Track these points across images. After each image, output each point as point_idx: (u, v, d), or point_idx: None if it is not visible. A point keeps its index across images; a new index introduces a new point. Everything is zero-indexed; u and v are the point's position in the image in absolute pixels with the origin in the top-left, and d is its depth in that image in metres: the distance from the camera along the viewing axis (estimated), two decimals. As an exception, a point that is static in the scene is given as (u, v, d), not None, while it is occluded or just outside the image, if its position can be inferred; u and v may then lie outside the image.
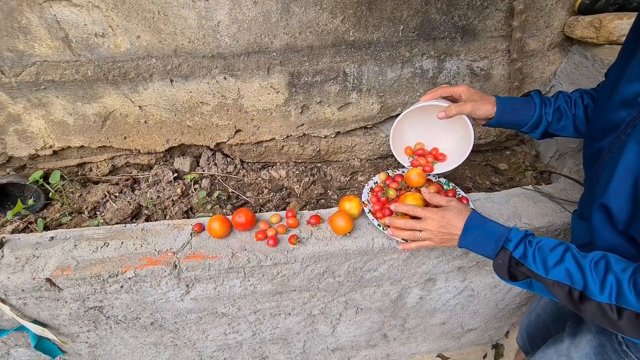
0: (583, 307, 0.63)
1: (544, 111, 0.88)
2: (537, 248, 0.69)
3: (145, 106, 1.18)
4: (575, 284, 0.63)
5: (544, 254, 0.68)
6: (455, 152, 1.04)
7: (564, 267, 0.65)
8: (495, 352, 1.69)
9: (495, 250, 0.74)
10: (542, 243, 0.70)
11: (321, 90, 1.24)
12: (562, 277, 0.65)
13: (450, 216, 0.80)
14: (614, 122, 0.67)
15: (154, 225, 1.02)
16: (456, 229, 0.79)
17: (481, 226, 0.77)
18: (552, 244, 0.69)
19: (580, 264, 0.64)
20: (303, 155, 1.43)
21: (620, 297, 0.58)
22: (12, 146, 1.20)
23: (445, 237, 0.81)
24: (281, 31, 1.09)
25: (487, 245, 0.75)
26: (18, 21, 0.97)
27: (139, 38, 1.04)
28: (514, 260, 0.71)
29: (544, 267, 0.67)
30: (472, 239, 0.78)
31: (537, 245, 0.70)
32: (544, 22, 1.22)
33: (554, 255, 0.67)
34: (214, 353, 1.32)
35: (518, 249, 0.71)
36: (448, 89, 0.91)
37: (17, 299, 0.92)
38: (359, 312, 1.27)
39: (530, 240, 0.72)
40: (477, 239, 0.77)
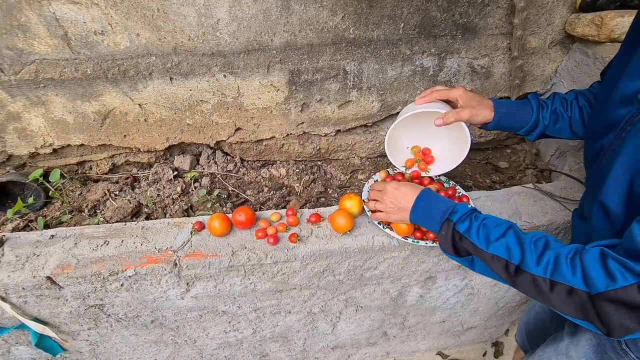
0: (518, 279, 0.64)
1: (541, 115, 0.88)
2: (482, 224, 0.71)
3: (145, 104, 1.18)
4: (513, 259, 0.65)
5: (488, 229, 0.69)
6: (451, 154, 1.04)
7: (504, 242, 0.67)
8: (495, 350, 1.70)
9: (440, 222, 0.75)
10: (488, 220, 0.71)
11: (321, 89, 1.24)
12: (501, 252, 0.66)
13: (404, 190, 0.83)
14: (614, 120, 0.67)
15: (154, 223, 1.02)
16: (407, 202, 0.81)
17: (430, 200, 0.79)
18: (497, 221, 0.71)
19: (521, 239, 0.66)
20: (303, 154, 1.43)
21: (556, 272, 0.60)
22: (12, 144, 1.20)
23: (396, 210, 0.84)
24: (281, 29, 1.09)
25: (434, 218, 0.77)
26: (17, 19, 0.96)
27: (138, 36, 1.04)
28: (458, 234, 0.72)
29: (485, 241, 0.68)
30: (421, 213, 0.79)
31: (482, 221, 0.71)
32: (545, 19, 1.22)
33: (497, 230, 0.69)
34: (215, 351, 1.32)
35: (463, 222, 0.72)
36: (444, 92, 0.88)
37: (18, 297, 0.92)
38: (359, 310, 1.27)
39: (476, 215, 0.73)
40: (425, 212, 0.78)
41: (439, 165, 1.07)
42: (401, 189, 0.84)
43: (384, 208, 0.87)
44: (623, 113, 0.65)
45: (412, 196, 0.82)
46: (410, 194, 0.82)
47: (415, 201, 0.81)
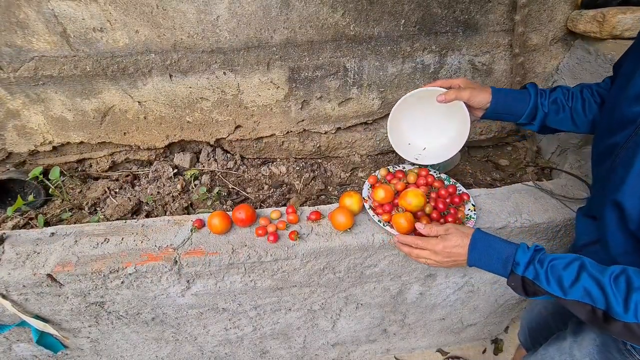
0: (609, 326, 0.60)
1: (539, 101, 0.87)
2: (550, 267, 0.66)
3: (144, 102, 1.18)
4: (597, 303, 0.60)
5: (558, 273, 0.65)
6: (451, 142, 1.05)
7: (581, 286, 0.62)
8: (495, 347, 1.70)
9: (505, 272, 0.72)
10: (555, 262, 0.66)
11: (321, 86, 1.23)
12: (581, 297, 0.62)
13: (451, 244, 0.78)
14: (629, 117, 0.65)
15: (154, 221, 1.02)
16: (460, 255, 0.78)
17: (485, 248, 0.75)
18: (564, 260, 0.65)
19: (599, 280, 0.61)
20: (303, 151, 1.42)
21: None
22: (11, 142, 1.19)
23: (451, 263, 0.80)
24: (281, 25, 1.08)
25: (495, 268, 0.73)
26: (16, 16, 0.96)
27: (137, 33, 1.03)
28: (528, 281, 0.68)
29: (560, 288, 0.64)
30: (479, 261, 0.76)
31: (549, 264, 0.66)
32: (546, 16, 1.21)
33: (569, 273, 0.64)
34: (215, 348, 1.32)
35: (528, 271, 0.68)
36: (447, 80, 0.94)
37: (19, 294, 0.92)
38: (359, 308, 1.27)
39: (540, 259, 0.68)
40: (484, 262, 0.75)
41: (442, 153, 1.07)
42: (447, 245, 0.79)
43: (435, 265, 0.83)
44: (638, 110, 0.63)
45: (462, 248, 0.77)
46: (458, 246, 0.78)
47: (469, 253, 0.77)
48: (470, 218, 1.01)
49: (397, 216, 0.95)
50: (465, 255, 0.77)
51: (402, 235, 0.89)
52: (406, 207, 0.97)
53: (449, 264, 0.81)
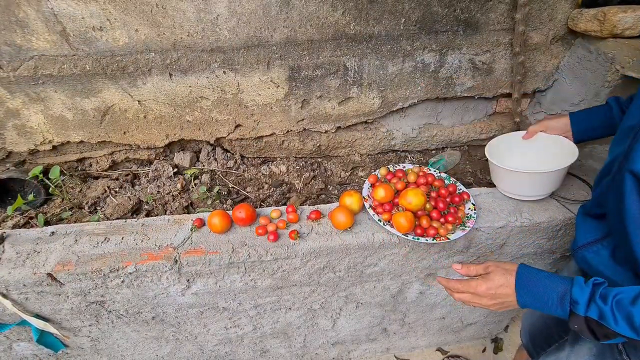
0: None
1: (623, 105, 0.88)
2: (615, 303, 0.57)
3: (144, 101, 1.18)
4: None
5: (626, 310, 0.55)
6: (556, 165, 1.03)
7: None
8: (495, 346, 1.70)
9: (564, 313, 0.63)
10: (621, 296, 0.57)
11: (321, 85, 1.23)
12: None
13: (495, 285, 0.71)
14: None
15: (154, 220, 1.02)
16: (507, 296, 0.70)
17: (535, 286, 0.67)
18: (632, 293, 0.56)
19: None
20: (303, 150, 1.42)
21: None
22: (11, 141, 1.19)
23: (501, 306, 0.72)
24: (281, 24, 1.08)
25: (551, 306, 0.65)
26: (15, 15, 0.96)
27: (137, 32, 1.03)
28: (594, 322, 0.59)
29: (631, 328, 0.55)
30: (531, 302, 0.68)
31: (613, 300, 0.57)
32: (547, 15, 1.20)
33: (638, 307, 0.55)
34: (215, 347, 1.33)
35: (590, 310, 0.59)
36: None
37: (19, 293, 0.92)
38: (359, 307, 1.28)
39: (602, 294, 0.59)
40: (537, 303, 0.67)
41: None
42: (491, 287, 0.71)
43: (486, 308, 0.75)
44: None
45: (508, 288, 0.69)
46: (506, 286, 0.70)
47: (517, 291, 0.69)
48: (471, 217, 1.01)
49: (398, 215, 0.95)
50: (514, 295, 0.69)
51: (441, 278, 0.82)
52: (406, 207, 0.97)
53: (497, 306, 0.72)
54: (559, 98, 1.36)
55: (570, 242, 1.19)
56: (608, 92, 1.16)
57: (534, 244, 1.17)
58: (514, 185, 1.07)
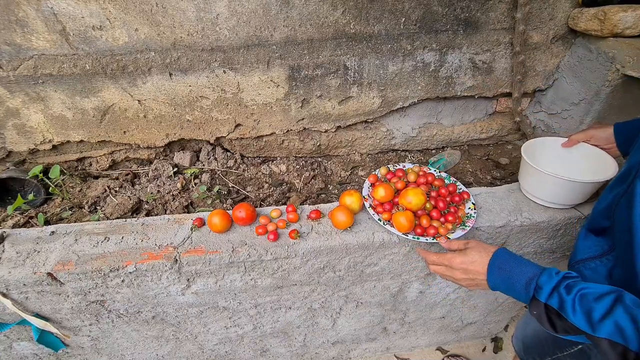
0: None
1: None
2: (579, 296, 0.56)
3: (144, 100, 1.18)
4: (630, 343, 0.51)
5: (588, 304, 0.55)
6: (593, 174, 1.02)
7: (612, 322, 0.52)
8: (495, 345, 1.70)
9: (527, 298, 0.63)
10: (587, 290, 0.56)
11: (321, 84, 1.23)
12: (611, 334, 0.52)
13: (469, 260, 0.72)
14: None
15: (154, 219, 1.02)
16: (479, 273, 0.70)
17: (506, 267, 0.67)
18: (599, 290, 0.56)
19: (636, 316, 0.51)
20: (303, 150, 1.42)
21: None
22: (11, 141, 1.19)
23: (471, 282, 0.73)
24: (281, 24, 1.08)
25: (516, 290, 0.65)
26: (15, 14, 0.96)
27: (137, 31, 1.03)
28: (553, 311, 0.59)
29: (588, 321, 0.54)
30: (499, 283, 0.68)
31: (578, 292, 0.57)
32: (547, 14, 1.20)
33: (601, 306, 0.54)
34: (216, 346, 1.33)
35: (552, 297, 0.59)
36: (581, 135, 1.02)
37: (19, 293, 0.92)
38: (359, 306, 1.28)
39: (569, 285, 0.59)
40: (504, 283, 0.67)
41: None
42: (465, 262, 0.72)
43: (457, 282, 0.76)
44: None
45: (481, 266, 0.70)
46: (480, 263, 0.70)
47: (488, 271, 0.69)
48: (471, 217, 1.01)
49: (398, 215, 0.95)
50: (484, 274, 0.69)
51: (420, 249, 0.85)
52: (406, 206, 0.97)
53: (467, 282, 0.73)
54: (559, 97, 1.36)
55: (570, 241, 1.19)
56: (608, 91, 1.16)
57: (534, 243, 1.17)
58: (543, 189, 1.05)
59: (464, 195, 1.07)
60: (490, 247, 0.72)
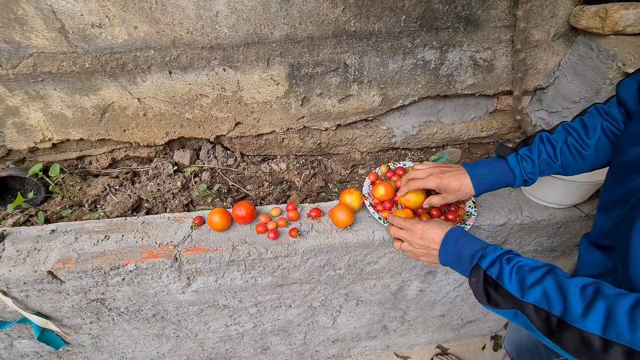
0: (563, 337, 0.52)
1: (523, 172, 0.79)
2: (517, 267, 0.61)
3: (144, 98, 1.17)
4: (554, 308, 0.53)
5: (523, 273, 0.59)
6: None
7: (541, 288, 0.56)
8: (494, 343, 1.71)
9: (469, 268, 0.66)
10: (523, 262, 0.61)
11: (322, 82, 1.23)
12: (538, 300, 0.55)
13: (429, 228, 0.75)
14: None
15: (154, 218, 1.02)
16: (434, 242, 0.74)
17: (459, 241, 0.71)
18: (534, 264, 0.61)
19: (563, 285, 0.55)
20: (303, 148, 1.42)
21: (611, 327, 0.48)
22: (11, 139, 1.19)
23: (423, 250, 0.76)
24: (281, 21, 1.07)
25: (463, 262, 0.68)
26: (14, 12, 0.95)
27: (136, 29, 1.03)
28: (490, 280, 0.62)
29: (520, 288, 0.58)
30: (449, 255, 0.71)
31: (516, 264, 0.61)
32: (549, 11, 1.20)
33: (534, 275, 0.58)
34: (216, 344, 1.33)
35: (494, 266, 0.63)
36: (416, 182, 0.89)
37: (19, 291, 0.92)
38: (359, 304, 1.28)
39: (509, 257, 0.64)
40: (454, 255, 0.70)
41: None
42: (425, 228, 0.76)
43: (412, 250, 0.79)
44: None
45: (438, 235, 0.74)
46: (438, 233, 0.74)
47: (442, 242, 0.73)
48: (471, 215, 1.01)
49: (397, 213, 0.95)
50: (439, 244, 0.73)
51: (391, 216, 0.88)
52: (405, 204, 0.97)
53: (421, 250, 0.77)
54: (560, 96, 1.35)
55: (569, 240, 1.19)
56: (610, 89, 1.15)
57: (535, 241, 1.17)
58: (542, 190, 1.06)
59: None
60: (452, 224, 0.76)
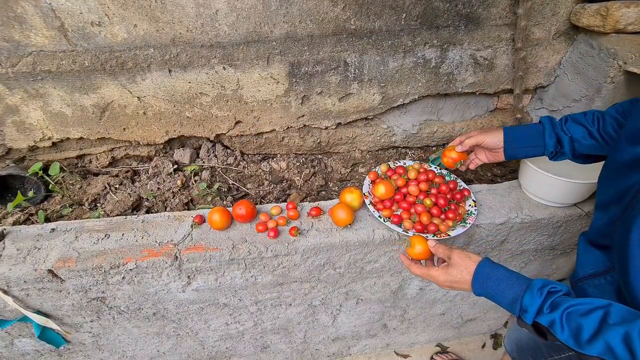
0: None
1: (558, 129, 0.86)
2: (566, 315, 0.55)
3: (143, 97, 1.17)
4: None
5: (576, 322, 0.53)
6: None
7: (602, 341, 0.51)
8: (494, 341, 1.71)
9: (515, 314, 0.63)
10: (574, 308, 0.54)
11: (322, 81, 1.22)
12: (602, 353, 0.51)
13: (452, 279, 0.73)
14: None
15: (154, 217, 1.02)
16: (465, 284, 0.71)
17: (489, 286, 0.67)
18: (586, 306, 0.54)
19: (628, 335, 0.49)
20: (304, 147, 1.42)
21: None
22: (10, 138, 1.19)
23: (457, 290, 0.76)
24: (281, 19, 1.07)
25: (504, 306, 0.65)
26: (13, 10, 0.95)
27: (136, 27, 1.02)
28: (542, 327, 0.58)
29: (576, 341, 0.53)
30: (485, 295, 0.69)
31: (565, 310, 0.55)
32: (549, 9, 1.19)
33: (589, 322, 0.52)
34: (216, 343, 1.33)
35: (540, 317, 0.58)
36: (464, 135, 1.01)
37: (20, 290, 0.92)
38: (359, 303, 1.28)
39: (554, 303, 0.57)
40: (491, 298, 0.68)
41: None
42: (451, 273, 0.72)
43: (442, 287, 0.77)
44: None
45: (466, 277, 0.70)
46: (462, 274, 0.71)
47: (474, 287, 0.70)
48: (471, 214, 1.01)
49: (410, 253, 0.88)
50: (469, 284, 0.70)
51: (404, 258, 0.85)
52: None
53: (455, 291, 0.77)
54: (561, 94, 1.35)
55: (570, 239, 1.19)
56: (610, 88, 1.15)
57: (535, 240, 1.17)
58: (542, 189, 1.06)
59: (465, 192, 1.07)
60: (472, 262, 0.71)
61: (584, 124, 0.85)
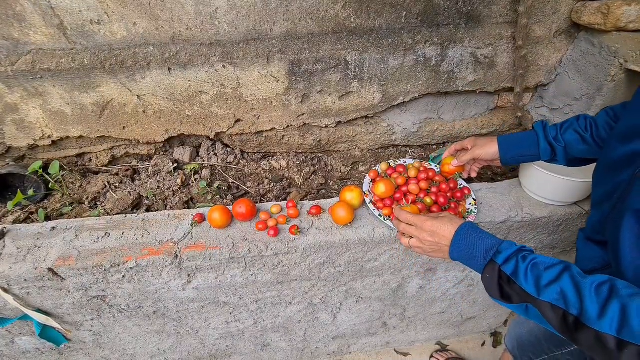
0: (578, 335, 0.54)
1: (551, 137, 0.89)
2: (532, 264, 0.62)
3: (143, 95, 1.17)
4: (570, 308, 0.55)
5: (538, 271, 0.60)
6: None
7: (558, 287, 0.57)
8: (494, 340, 1.71)
9: (483, 263, 0.67)
10: (539, 260, 0.62)
11: (322, 79, 1.22)
12: (555, 299, 0.57)
13: (439, 224, 0.75)
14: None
15: (154, 215, 1.02)
16: (445, 239, 0.74)
17: (471, 237, 0.71)
18: (550, 262, 0.61)
19: (579, 284, 0.56)
20: (304, 145, 1.42)
21: (625, 328, 0.49)
22: (10, 136, 1.19)
23: (433, 246, 0.76)
24: (281, 17, 1.07)
25: (476, 257, 0.68)
26: (12, 8, 0.95)
27: (135, 25, 1.02)
28: (505, 276, 0.63)
29: (535, 286, 0.59)
30: (461, 251, 0.71)
31: (531, 261, 0.62)
32: (550, 7, 1.19)
33: (550, 273, 0.59)
34: (217, 341, 1.34)
35: (509, 263, 0.63)
36: (458, 144, 1.04)
37: (20, 288, 0.93)
38: (359, 301, 1.28)
39: (524, 255, 0.64)
40: (466, 251, 0.70)
41: None
42: (435, 224, 0.75)
43: (421, 247, 0.78)
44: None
45: (449, 231, 0.73)
46: (449, 229, 0.73)
47: (454, 238, 0.72)
48: (471, 212, 1.01)
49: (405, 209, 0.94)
50: (450, 239, 0.73)
51: (398, 210, 0.86)
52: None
53: (430, 246, 0.76)
54: (562, 92, 1.35)
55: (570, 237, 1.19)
56: (611, 86, 1.15)
57: (535, 239, 1.17)
58: (542, 188, 1.07)
59: (465, 191, 1.07)
60: (459, 221, 0.76)
61: (577, 130, 0.87)
